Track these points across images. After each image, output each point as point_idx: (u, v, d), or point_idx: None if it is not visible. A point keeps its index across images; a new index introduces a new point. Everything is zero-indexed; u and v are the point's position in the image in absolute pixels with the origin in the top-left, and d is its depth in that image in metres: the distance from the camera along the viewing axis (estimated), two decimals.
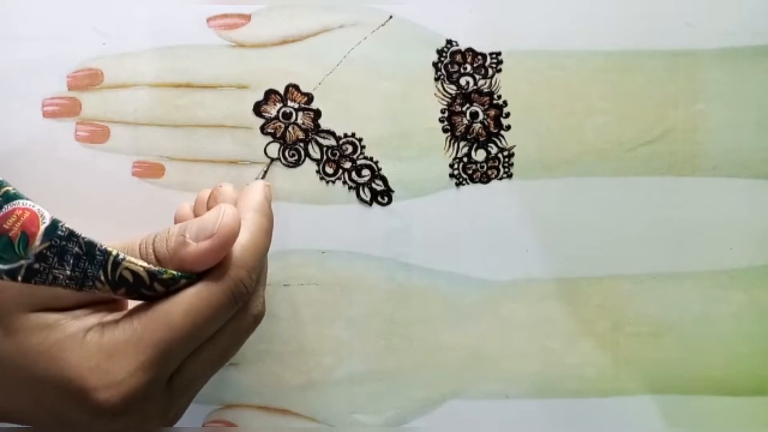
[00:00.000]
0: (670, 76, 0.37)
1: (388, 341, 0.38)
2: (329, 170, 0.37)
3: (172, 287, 0.28)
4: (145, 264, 0.27)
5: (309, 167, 0.37)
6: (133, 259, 0.27)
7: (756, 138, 0.38)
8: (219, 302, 0.28)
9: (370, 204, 0.37)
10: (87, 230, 0.27)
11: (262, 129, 0.37)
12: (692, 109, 0.37)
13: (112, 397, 0.26)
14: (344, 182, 0.37)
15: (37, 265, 0.26)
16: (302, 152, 0.37)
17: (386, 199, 0.37)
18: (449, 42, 0.37)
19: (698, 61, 0.37)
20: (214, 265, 0.28)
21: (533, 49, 0.37)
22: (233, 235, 0.28)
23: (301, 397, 0.38)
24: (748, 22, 0.37)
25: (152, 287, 0.27)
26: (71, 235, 0.26)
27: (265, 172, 0.36)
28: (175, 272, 0.28)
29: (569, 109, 0.37)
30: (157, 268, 0.27)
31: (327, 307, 0.38)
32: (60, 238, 0.26)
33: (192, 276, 0.28)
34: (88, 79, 0.36)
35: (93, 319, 0.28)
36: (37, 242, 0.25)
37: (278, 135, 0.37)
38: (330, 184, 0.37)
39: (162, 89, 0.36)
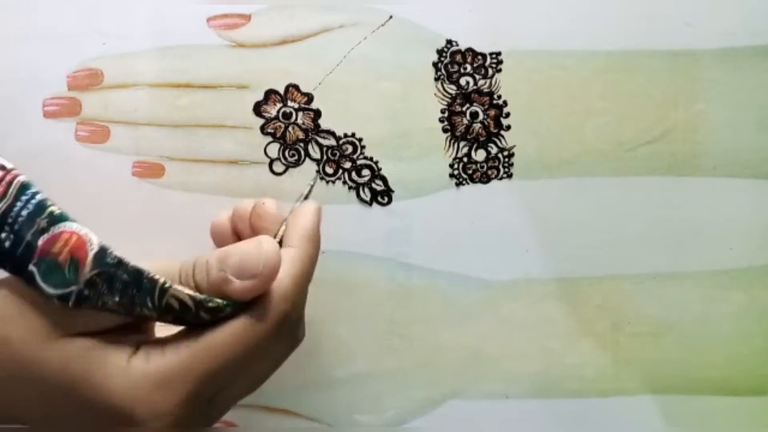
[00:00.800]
0: (670, 76, 0.37)
1: (388, 341, 0.38)
2: (329, 170, 0.37)
3: (218, 315, 0.28)
4: (191, 292, 0.27)
5: (309, 167, 0.37)
6: (179, 287, 0.27)
7: (756, 138, 0.38)
8: (266, 334, 0.28)
9: (370, 204, 0.37)
10: None
11: (262, 129, 0.37)
12: (692, 109, 0.37)
13: (161, 428, 0.27)
14: (344, 182, 0.37)
15: (87, 291, 0.25)
16: (302, 152, 0.37)
17: (386, 199, 0.37)
18: (449, 42, 0.37)
19: (698, 61, 0.37)
20: (261, 295, 0.28)
21: (533, 49, 0.37)
22: (276, 273, 0.28)
23: (301, 397, 0.38)
24: (748, 22, 0.37)
25: (198, 315, 0.27)
26: (120, 263, 0.26)
27: (312, 187, 0.36)
28: (220, 301, 0.27)
29: (569, 109, 0.37)
30: (202, 297, 0.27)
31: (327, 307, 0.38)
32: (109, 266, 0.26)
33: (237, 305, 0.28)
34: (88, 79, 0.36)
35: (132, 342, 0.28)
36: (87, 269, 0.25)
37: (278, 135, 0.37)
38: (330, 184, 0.37)
39: (162, 89, 0.36)
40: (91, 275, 0.25)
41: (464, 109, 0.37)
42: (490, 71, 0.37)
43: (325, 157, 0.37)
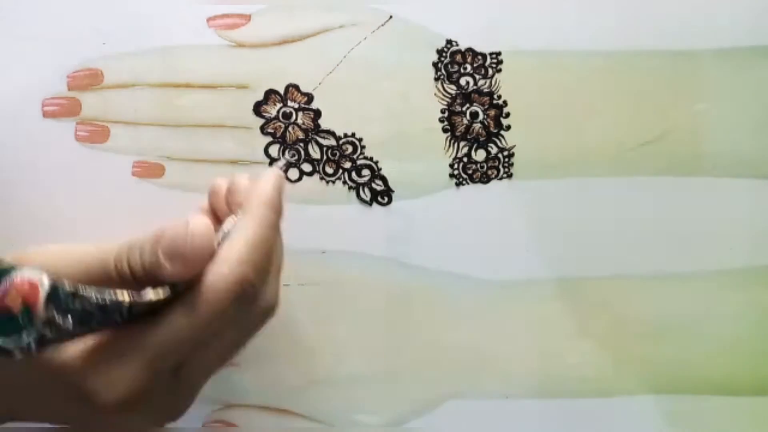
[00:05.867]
0: (670, 76, 0.37)
1: (388, 341, 0.38)
2: (329, 170, 0.37)
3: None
4: (152, 297, 0.26)
5: (309, 167, 0.37)
6: (142, 299, 0.26)
7: (756, 138, 0.38)
8: (223, 302, 0.27)
9: (370, 204, 0.37)
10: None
11: (262, 129, 0.37)
12: (692, 109, 0.37)
13: (114, 398, 0.26)
14: (344, 182, 0.37)
15: (48, 332, 0.24)
16: (302, 152, 0.37)
17: (386, 199, 0.37)
18: (449, 42, 0.37)
19: (698, 61, 0.37)
20: (215, 262, 0.28)
21: (533, 49, 0.37)
22: (204, 255, 0.27)
23: (301, 397, 0.38)
24: (748, 22, 0.37)
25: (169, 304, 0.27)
26: (75, 295, 0.25)
27: (286, 167, 0.36)
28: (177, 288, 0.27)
29: (569, 109, 0.37)
30: (162, 295, 0.27)
31: (327, 307, 0.38)
32: (65, 300, 0.25)
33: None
34: (88, 79, 0.36)
35: None
36: (41, 310, 0.24)
37: (278, 135, 0.37)
38: (330, 184, 0.37)
39: (162, 89, 0.36)
40: (47, 316, 0.24)
41: (464, 109, 0.37)
42: (490, 71, 0.37)
43: (325, 157, 0.37)
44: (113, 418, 0.27)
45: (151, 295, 0.27)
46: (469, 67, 0.37)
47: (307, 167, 0.37)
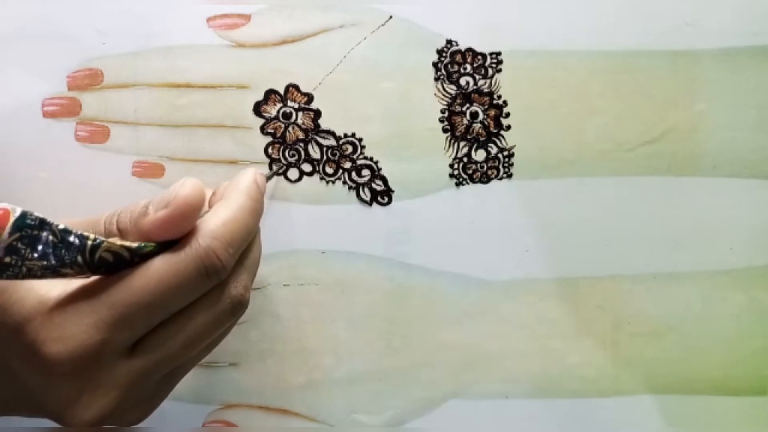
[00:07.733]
0: (670, 76, 0.37)
1: (388, 341, 0.38)
2: (329, 170, 0.37)
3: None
4: (124, 242, 0.27)
5: (309, 167, 0.37)
6: (111, 240, 0.26)
7: (756, 138, 0.38)
8: (186, 270, 0.27)
9: (370, 204, 0.37)
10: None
11: (262, 129, 0.37)
12: (692, 109, 0.37)
13: (59, 352, 0.26)
14: (344, 182, 0.37)
15: (8, 259, 0.25)
16: (302, 152, 0.37)
17: (386, 199, 0.37)
18: (449, 42, 0.37)
19: (698, 61, 0.37)
20: (185, 235, 0.28)
21: (533, 49, 0.37)
22: (190, 205, 0.27)
23: (301, 397, 0.38)
24: (748, 22, 0.37)
25: (133, 262, 0.27)
26: (43, 224, 0.25)
27: (274, 173, 0.36)
28: (152, 244, 0.27)
29: (569, 109, 0.37)
30: (136, 244, 0.27)
31: (327, 307, 0.38)
32: (31, 228, 0.25)
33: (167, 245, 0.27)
34: (88, 79, 0.36)
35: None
36: (5, 235, 0.24)
37: (278, 135, 0.37)
38: (330, 184, 0.37)
39: (162, 89, 0.36)
40: (11, 240, 0.24)
41: (464, 109, 0.37)
42: (490, 71, 0.37)
43: (325, 157, 0.37)
44: (58, 382, 0.26)
45: (117, 239, 0.27)
46: (469, 67, 0.37)
47: (307, 167, 0.37)
